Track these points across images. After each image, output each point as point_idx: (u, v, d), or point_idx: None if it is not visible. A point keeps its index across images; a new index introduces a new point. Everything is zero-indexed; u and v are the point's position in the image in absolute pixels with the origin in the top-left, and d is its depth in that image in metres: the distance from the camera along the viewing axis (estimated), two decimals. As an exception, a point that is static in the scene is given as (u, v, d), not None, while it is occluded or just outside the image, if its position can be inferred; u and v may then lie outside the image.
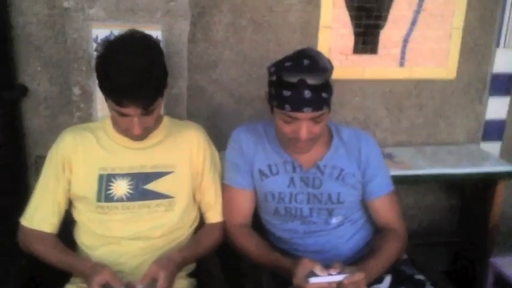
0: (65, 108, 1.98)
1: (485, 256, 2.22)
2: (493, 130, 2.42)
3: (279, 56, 1.55)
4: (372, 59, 2.22)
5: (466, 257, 2.38)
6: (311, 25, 2.13)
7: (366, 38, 2.18)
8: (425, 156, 2.25)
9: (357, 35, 2.17)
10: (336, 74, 2.14)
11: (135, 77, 1.34)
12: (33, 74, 1.95)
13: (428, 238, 2.40)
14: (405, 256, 1.65)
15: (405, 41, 2.21)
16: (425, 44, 2.23)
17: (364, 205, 1.65)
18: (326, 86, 1.42)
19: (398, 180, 2.06)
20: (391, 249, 1.53)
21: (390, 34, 2.19)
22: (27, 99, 1.97)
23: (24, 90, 1.95)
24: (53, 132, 1.97)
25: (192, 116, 1.97)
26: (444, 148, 2.36)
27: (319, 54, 1.46)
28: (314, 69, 1.40)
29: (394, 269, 1.55)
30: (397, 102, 2.32)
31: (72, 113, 1.85)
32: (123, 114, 1.40)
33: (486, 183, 2.23)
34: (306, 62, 1.41)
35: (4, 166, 1.91)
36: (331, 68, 1.47)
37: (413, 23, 2.19)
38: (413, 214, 2.44)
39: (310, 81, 1.38)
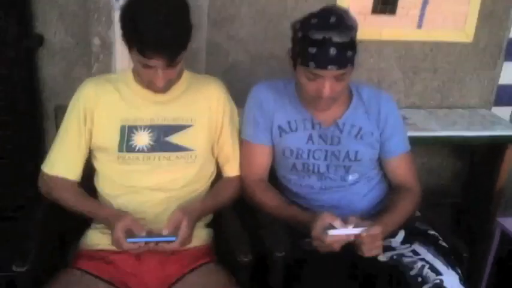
0: (80, 59, 1.97)
1: (489, 218, 2.27)
2: (505, 95, 2.42)
3: (297, 14, 1.54)
4: (390, 19, 2.20)
5: (470, 219, 2.43)
6: (330, -18, 2.10)
7: (385, -2, 2.16)
8: (438, 119, 2.26)
9: (376, -6, 2.15)
10: None
11: (161, 28, 1.33)
12: (50, 24, 1.93)
13: (433, 199, 2.43)
14: (418, 213, 1.68)
15: (425, 2, 2.19)
16: (444, 6, 2.21)
17: (380, 163, 1.67)
18: (351, 44, 1.43)
19: (410, 141, 2.10)
20: (406, 207, 1.57)
21: (410, -6, 2.17)
22: (43, 48, 1.96)
23: (40, 40, 1.94)
24: (69, 83, 1.99)
25: (208, 71, 1.98)
26: (456, 112, 2.36)
27: (345, 12, 1.46)
28: (340, 27, 1.40)
29: (408, 225, 1.59)
30: (412, 65, 2.31)
31: (88, 64, 1.86)
32: (147, 66, 1.40)
33: (495, 147, 2.26)
34: (332, 19, 1.41)
35: (22, 113, 1.92)
36: (357, 26, 1.47)
37: (434, -16, 2.17)
38: (420, 175, 2.47)
39: (336, 38, 1.38)
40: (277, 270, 1.43)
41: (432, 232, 1.59)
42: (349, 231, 1.38)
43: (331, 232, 1.36)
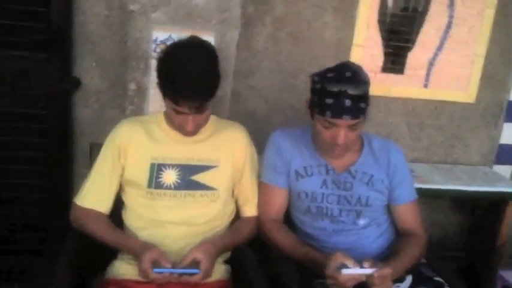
0: (113, 102, 2.13)
1: (491, 271, 2.35)
2: (506, 154, 2.56)
3: (314, 69, 1.70)
4: (399, 78, 2.38)
5: (473, 271, 2.51)
6: (345, 42, 2.30)
7: (395, 59, 2.34)
8: (441, 173, 2.40)
9: (386, 55, 2.33)
10: None
11: (193, 80, 1.48)
12: (87, 69, 2.10)
13: (437, 252, 2.52)
14: (424, 260, 1.78)
15: (430, 64, 2.37)
16: (449, 68, 2.39)
17: (388, 210, 1.79)
18: (364, 97, 1.58)
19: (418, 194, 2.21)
20: (413, 252, 1.66)
21: (417, 56, 2.35)
22: (79, 91, 2.12)
23: (77, 83, 2.10)
24: (100, 124, 2.14)
25: (229, 118, 2.13)
26: (459, 167, 2.50)
27: (359, 68, 1.62)
28: (355, 81, 1.55)
29: (415, 271, 1.68)
30: (418, 121, 2.47)
31: (120, 106, 2.01)
32: (178, 112, 1.54)
33: (496, 203, 2.37)
34: (348, 73, 1.56)
35: (55, 151, 2.06)
36: (369, 81, 1.62)
37: (440, 48, 2.36)
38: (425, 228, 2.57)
39: (351, 91, 1.53)
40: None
41: (438, 278, 1.68)
42: (362, 270, 1.47)
43: (345, 271, 1.46)
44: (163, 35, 1.81)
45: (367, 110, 1.61)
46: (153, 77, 1.84)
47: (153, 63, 1.83)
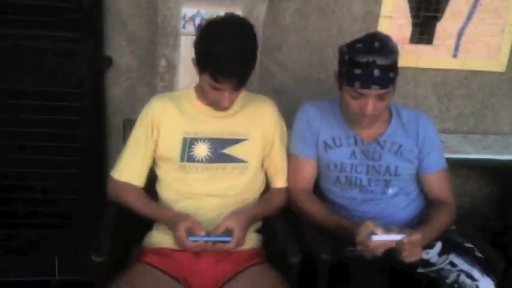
0: (143, 80, 2.18)
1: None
2: (537, 123, 2.53)
3: (341, 42, 1.70)
4: (427, 49, 2.35)
5: (503, 240, 2.50)
6: (372, 14, 2.28)
7: (423, 29, 2.32)
8: (471, 143, 2.38)
9: (414, 25, 2.31)
10: None
11: (234, 56, 1.51)
12: (118, 47, 2.15)
13: (468, 221, 2.52)
14: (454, 227, 1.80)
15: (460, 33, 2.34)
16: (478, 37, 2.36)
17: (418, 179, 1.80)
18: (393, 67, 1.58)
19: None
20: (442, 220, 1.68)
21: (446, 26, 2.32)
22: (111, 70, 2.18)
23: (109, 62, 2.16)
24: (131, 100, 2.20)
25: (258, 93, 2.16)
26: (489, 137, 2.48)
27: (388, 37, 1.62)
28: (384, 51, 1.56)
29: (445, 237, 1.70)
30: (448, 92, 2.45)
31: (150, 84, 2.06)
32: (216, 88, 1.57)
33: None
34: (376, 44, 1.57)
35: (90, 127, 2.13)
36: (398, 50, 1.63)
37: (469, 17, 2.32)
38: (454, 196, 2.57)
39: (380, 61, 1.54)
40: (323, 272, 1.56)
41: (468, 244, 1.70)
42: (392, 237, 1.50)
43: (375, 237, 1.49)
44: (192, 11, 1.84)
45: (396, 80, 1.62)
46: (183, 54, 1.88)
47: (183, 40, 1.87)
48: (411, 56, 2.36)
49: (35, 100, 2.08)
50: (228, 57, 1.51)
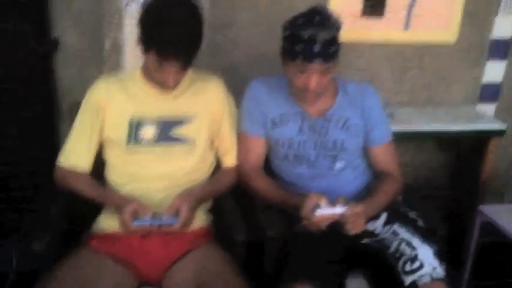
0: (93, 60, 2.14)
1: (474, 208, 2.41)
2: (489, 92, 2.57)
3: (293, 17, 1.70)
4: (379, 22, 2.36)
5: (458, 210, 2.58)
6: (323, -12, 2.27)
7: (374, 2, 2.32)
8: (424, 115, 2.42)
9: (365, -2, 2.31)
10: (344, 37, 2.32)
11: (180, 34, 1.48)
12: (65, 28, 2.10)
13: (423, 192, 2.58)
14: (400, 198, 1.84)
15: (411, 5, 2.35)
16: (429, 8, 2.36)
17: (364, 152, 1.83)
18: (335, 41, 1.58)
19: (397, 136, 2.24)
20: (388, 191, 1.71)
21: (397, -2, 2.33)
22: (58, 51, 2.13)
23: (56, 44, 2.11)
24: (82, 82, 2.14)
25: (210, 72, 2.14)
26: (442, 108, 2.52)
27: (329, 11, 1.62)
28: (324, 25, 1.56)
29: (390, 208, 1.74)
30: (401, 64, 2.47)
31: (100, 65, 2.03)
32: (161, 68, 1.54)
33: (480, 140, 2.40)
34: (317, 18, 1.57)
35: (39, 111, 2.10)
36: (340, 24, 1.62)
37: (419, -13, 2.33)
38: (409, 170, 2.62)
39: (321, 35, 1.54)
40: (271, 249, 1.58)
41: (412, 214, 1.74)
42: (335, 210, 1.52)
43: (319, 211, 1.51)
44: (134, -10, 1.81)
45: (338, 54, 1.62)
46: (128, 34, 1.85)
47: (127, 19, 1.84)
48: (363, 30, 2.36)
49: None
50: (173, 37, 1.48)
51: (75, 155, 1.70)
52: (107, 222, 1.67)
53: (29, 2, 1.96)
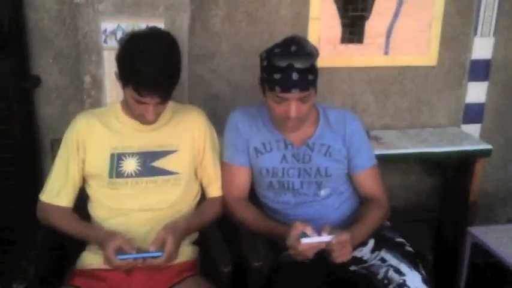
0: (74, 97, 2.14)
1: (463, 230, 2.40)
2: (472, 113, 2.59)
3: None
4: (359, 48, 2.39)
5: (448, 232, 2.56)
6: (301, 17, 2.30)
7: (353, 29, 2.35)
8: (409, 138, 2.42)
9: (344, 25, 2.34)
10: (325, 63, 2.36)
11: (157, 70, 1.49)
12: (46, 65, 2.11)
13: (412, 216, 2.57)
14: (388, 223, 1.82)
15: (389, 31, 2.38)
16: (407, 33, 2.40)
17: (349, 178, 1.82)
18: (312, 69, 1.59)
19: (383, 159, 2.25)
20: (374, 217, 1.70)
21: (375, 25, 2.36)
22: (40, 89, 2.13)
23: (37, 81, 2.11)
24: (64, 119, 2.14)
25: (192, 102, 2.14)
26: (427, 130, 2.53)
27: (305, 40, 1.64)
28: (301, 54, 1.57)
29: (377, 234, 1.72)
30: (383, 88, 2.49)
31: (81, 101, 2.02)
32: (140, 102, 1.55)
33: (465, 162, 2.41)
34: (293, 48, 1.58)
35: (20, 150, 2.07)
36: (317, 53, 1.64)
37: (396, 14, 2.36)
38: (399, 193, 2.62)
39: (298, 65, 1.55)
40: (255, 279, 1.55)
41: (399, 239, 1.73)
42: (321, 238, 1.51)
43: (304, 240, 1.49)
44: (112, 25, 1.82)
45: (316, 82, 1.64)
46: (107, 69, 1.86)
47: (106, 55, 1.85)
48: (344, 56, 2.39)
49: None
50: (150, 72, 1.49)
51: (56, 192, 1.68)
52: (91, 258, 1.64)
53: (6, 40, 1.96)
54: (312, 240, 1.50)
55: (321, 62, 2.32)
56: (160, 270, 1.57)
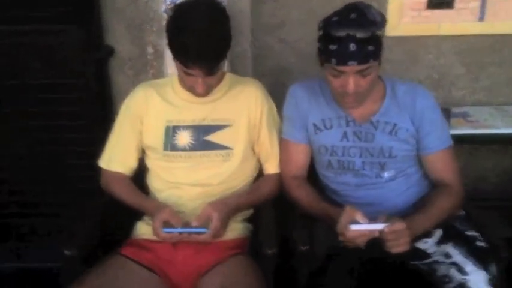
0: (144, 67, 2.15)
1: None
2: None
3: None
4: (448, 13, 2.12)
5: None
6: (382, -20, 2.09)
7: (442, -9, 2.09)
8: (504, 116, 2.13)
9: (431, -12, 2.09)
10: (408, 31, 2.15)
11: (202, 42, 1.44)
12: (119, 35, 2.14)
13: (502, 203, 2.28)
14: (462, 212, 1.62)
15: (485, -7, 2.09)
16: (508, -5, 2.09)
17: (420, 160, 1.64)
18: (374, 39, 1.42)
19: (470, 140, 2.02)
20: (442, 204, 1.52)
21: (469, -14, 2.08)
22: (113, 59, 2.17)
23: (110, 51, 2.15)
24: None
25: (261, 74, 2.06)
26: (527, 108, 2.21)
27: (368, 7, 1.46)
28: (360, 23, 1.41)
29: (447, 224, 1.54)
30: (476, 59, 2.20)
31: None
32: (188, 74, 1.52)
33: None
34: (352, 15, 1.42)
35: (94, 118, 2.15)
36: (383, 21, 1.46)
37: (495, -27, 2.06)
38: (489, 177, 2.34)
39: (356, 34, 1.40)
40: (301, 263, 1.47)
41: (471, 232, 1.53)
42: (372, 226, 1.38)
43: (353, 227, 1.38)
44: (172, -6, 1.78)
45: (379, 54, 1.46)
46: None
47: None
48: (430, 23, 2.13)
49: (42, 93, 2.13)
50: (196, 44, 1.44)
51: (116, 159, 1.72)
52: (143, 228, 1.67)
53: (80, 10, 2.00)
54: (361, 227, 1.38)
55: (404, 30, 2.15)
56: (207, 246, 1.55)
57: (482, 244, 1.48)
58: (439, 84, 2.24)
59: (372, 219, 1.41)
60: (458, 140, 1.64)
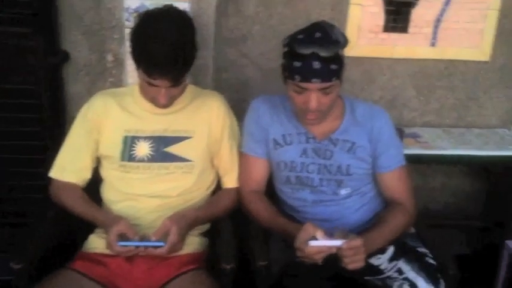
0: (101, 75, 2.10)
1: (502, 241, 2.20)
2: (526, 115, 2.36)
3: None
4: (402, 37, 2.21)
5: (488, 241, 2.36)
6: (342, 1, 2.15)
7: (397, 16, 2.18)
8: (452, 138, 2.24)
9: (387, 13, 2.17)
10: (365, 52, 2.22)
11: (167, 52, 1.43)
12: (75, 41, 2.08)
13: (450, 221, 2.39)
14: (413, 230, 1.68)
15: (438, 20, 2.19)
16: (459, 23, 2.20)
17: (374, 179, 1.68)
18: (336, 59, 1.46)
19: (419, 160, 2.09)
20: (396, 222, 1.56)
21: (422, 13, 2.17)
22: (68, 65, 2.11)
23: (66, 57, 2.09)
24: (92, 96, 2.12)
25: (222, 87, 2.06)
26: (473, 131, 2.33)
27: (332, 27, 1.50)
28: (325, 42, 1.44)
29: (399, 241, 1.58)
30: (427, 83, 2.31)
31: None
32: (151, 84, 1.50)
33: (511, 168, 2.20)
34: (317, 34, 1.45)
35: (47, 125, 2.07)
36: (345, 41, 1.50)
37: (447, 2, 2.16)
38: (437, 196, 2.44)
39: (320, 53, 1.43)
40: (260, 279, 1.47)
41: (421, 249, 1.58)
42: (330, 242, 1.39)
43: (312, 243, 1.39)
44: (135, 2, 1.76)
45: (341, 73, 1.50)
46: (128, 48, 1.80)
47: (127, 33, 1.79)
48: (385, 46, 2.22)
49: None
50: (161, 54, 1.43)
51: (68, 169, 1.66)
52: (96, 242, 1.61)
53: (37, 14, 1.94)
54: (319, 244, 1.39)
55: (360, 51, 2.22)
56: (163, 261, 1.52)
57: (431, 261, 1.53)
58: (392, 104, 2.32)
59: (329, 235, 1.43)
60: (409, 159, 1.71)
